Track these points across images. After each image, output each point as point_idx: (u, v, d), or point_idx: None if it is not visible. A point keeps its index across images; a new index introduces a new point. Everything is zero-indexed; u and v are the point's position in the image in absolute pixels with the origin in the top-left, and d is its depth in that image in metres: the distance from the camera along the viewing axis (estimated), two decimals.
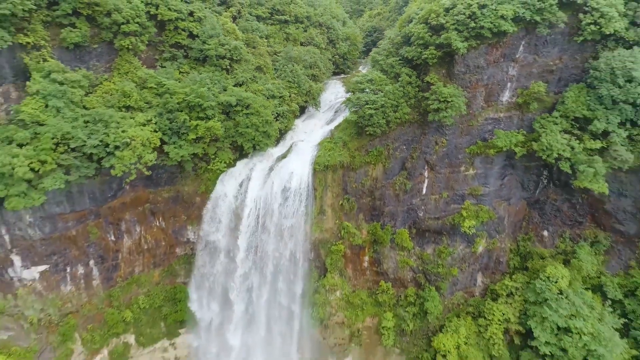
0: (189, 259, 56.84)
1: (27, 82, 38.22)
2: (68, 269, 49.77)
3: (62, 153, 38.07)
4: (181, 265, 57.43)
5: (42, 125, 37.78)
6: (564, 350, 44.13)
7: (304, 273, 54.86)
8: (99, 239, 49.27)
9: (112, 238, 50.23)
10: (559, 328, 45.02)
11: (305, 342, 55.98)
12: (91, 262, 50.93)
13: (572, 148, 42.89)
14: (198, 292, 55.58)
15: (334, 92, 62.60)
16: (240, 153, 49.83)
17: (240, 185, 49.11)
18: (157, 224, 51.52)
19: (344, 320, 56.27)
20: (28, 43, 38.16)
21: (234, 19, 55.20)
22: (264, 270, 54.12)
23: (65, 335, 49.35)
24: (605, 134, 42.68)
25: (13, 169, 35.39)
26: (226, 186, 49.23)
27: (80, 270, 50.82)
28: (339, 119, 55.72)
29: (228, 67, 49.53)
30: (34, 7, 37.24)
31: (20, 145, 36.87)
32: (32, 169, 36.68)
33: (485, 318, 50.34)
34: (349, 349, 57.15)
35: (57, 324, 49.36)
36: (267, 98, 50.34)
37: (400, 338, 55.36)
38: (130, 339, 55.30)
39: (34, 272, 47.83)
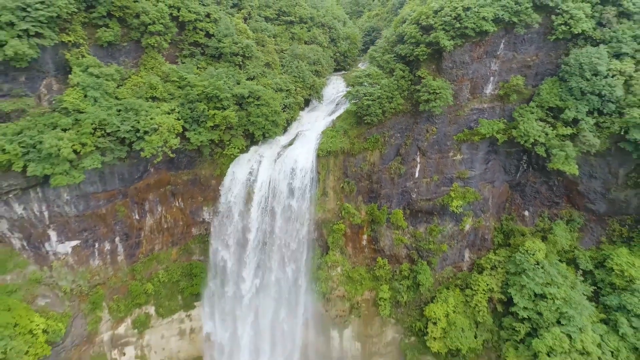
0: (203, 238, 62.47)
1: (70, 75, 43.80)
2: (96, 245, 55.44)
3: (99, 137, 43.75)
4: (196, 245, 63.09)
5: (82, 112, 43.40)
6: (539, 313, 49.75)
7: (308, 251, 60.42)
8: (124, 218, 54.93)
9: (137, 217, 55.90)
10: (535, 295, 50.66)
11: (309, 313, 61.53)
12: (117, 239, 56.61)
13: (547, 134, 48.55)
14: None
15: (335, 87, 68.28)
16: (252, 140, 55.45)
17: (252, 169, 54.68)
18: (177, 204, 57.19)
19: (345, 294, 61.82)
20: (69, 41, 43.76)
21: (245, 19, 60.85)
22: (272, 251, 59.59)
23: (95, 304, 55.06)
24: (575, 121, 48.31)
25: (59, 150, 40.98)
26: (239, 170, 54.82)
27: (107, 246, 56.50)
28: (340, 111, 61.33)
29: (240, 63, 55.20)
30: (76, 10, 42.85)
31: (64, 130, 42.47)
32: (74, 151, 42.32)
33: (471, 289, 56.01)
34: (349, 319, 62.77)
35: (87, 294, 55.04)
36: (275, 91, 55.97)
37: (396, 309, 61.04)
38: (151, 310, 60.99)
39: (67, 246, 53.52)
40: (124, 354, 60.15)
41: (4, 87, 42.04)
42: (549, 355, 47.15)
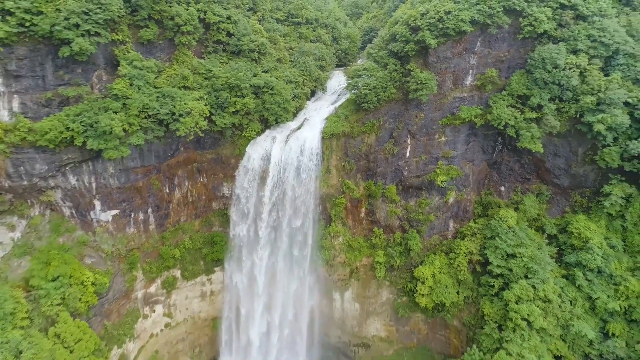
0: (222, 212, 71.48)
1: (119, 68, 52.93)
2: (132, 215, 64.55)
3: (142, 118, 52.90)
4: (216, 217, 72.08)
5: (128, 98, 52.51)
6: (510, 270, 58.83)
7: (314, 223, 69.36)
8: (157, 191, 64.02)
9: (167, 190, 65.02)
10: (507, 254, 59.76)
11: (316, 274, 70.47)
12: (149, 210, 65.71)
13: (515, 118, 57.70)
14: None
15: (337, 80, 77.38)
16: (266, 124, 64.50)
17: (266, 150, 63.71)
18: (201, 180, 66.30)
19: (345, 260, 70.89)
20: (117, 39, 52.86)
21: (260, 21, 69.91)
22: (282, 222, 68.48)
23: (131, 265, 64.15)
24: (540, 107, 57.43)
25: (112, 128, 50.08)
26: (255, 150, 63.89)
27: (141, 216, 65.60)
28: (341, 100, 70.40)
29: (256, 58, 64.32)
30: (124, 14, 51.99)
31: (115, 112, 51.62)
32: (123, 129, 51.46)
33: (454, 252, 65.11)
34: (349, 283, 71.90)
35: (125, 256, 64.11)
36: (286, 82, 65.02)
37: (390, 273, 70.15)
38: (177, 273, 70.11)
39: (109, 215, 62.62)
40: (154, 311, 69.36)
41: (65, 77, 51.13)
42: (517, 303, 56.18)
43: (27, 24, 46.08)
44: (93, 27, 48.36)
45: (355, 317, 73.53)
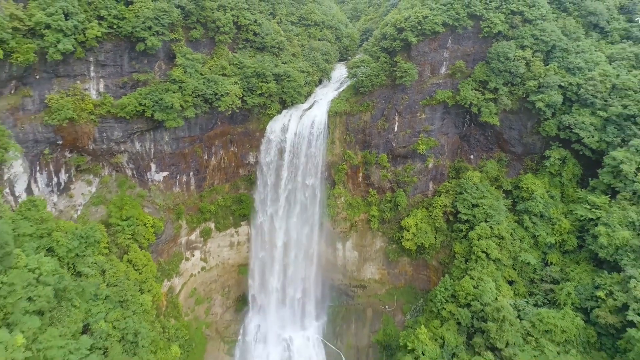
0: (247, 177, 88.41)
1: (175, 59, 70.06)
2: (178, 177, 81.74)
3: (194, 97, 70.06)
4: (242, 182, 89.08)
5: (183, 82, 69.63)
6: (474, 216, 75.85)
7: (321, 185, 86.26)
8: (198, 157, 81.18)
9: (205, 157, 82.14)
10: (472, 205, 76.82)
11: (323, 227, 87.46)
12: (191, 173, 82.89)
13: (478, 98, 74.84)
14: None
15: (340, 71, 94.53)
16: (284, 105, 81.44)
17: (284, 124, 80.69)
18: (232, 149, 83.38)
19: (346, 216, 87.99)
20: (174, 38, 69.92)
21: (278, 23, 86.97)
22: (297, 184, 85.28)
23: (178, 215, 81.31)
24: (496, 89, 74.61)
25: (172, 104, 67.20)
26: (276, 125, 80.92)
27: (184, 178, 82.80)
28: (343, 87, 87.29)
29: (276, 53, 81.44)
30: (180, 19, 69.14)
31: (174, 92, 68.76)
32: (180, 105, 68.63)
33: (432, 206, 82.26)
34: (349, 234, 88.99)
35: (173, 209, 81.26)
36: (300, 72, 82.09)
37: (382, 225, 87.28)
38: (212, 225, 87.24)
39: (160, 176, 79.85)
40: (194, 256, 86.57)
41: (137, 66, 68.33)
42: (478, 240, 73.21)
43: (115, 26, 63.29)
44: (160, 28, 65.51)
45: (354, 263, 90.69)
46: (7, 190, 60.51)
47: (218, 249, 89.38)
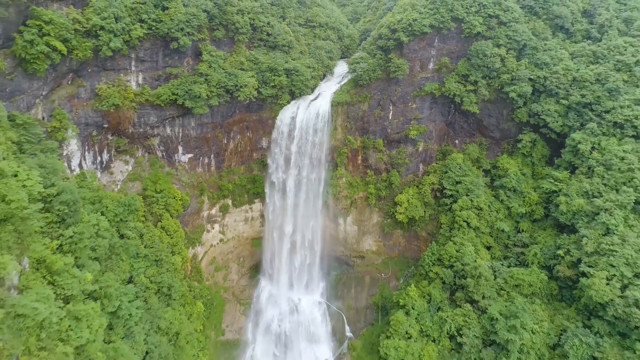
0: (260, 160, 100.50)
1: (201, 56, 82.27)
2: (200, 158, 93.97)
3: (217, 88, 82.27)
4: (255, 164, 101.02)
5: (208, 75, 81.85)
6: (457, 191, 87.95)
7: (325, 167, 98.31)
8: (218, 141, 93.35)
9: (225, 141, 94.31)
10: (456, 182, 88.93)
11: (327, 204, 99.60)
12: (212, 156, 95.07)
13: (460, 89, 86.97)
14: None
15: (341, 67, 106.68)
16: (292, 96, 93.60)
17: (293, 113, 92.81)
18: (248, 135, 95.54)
19: (347, 194, 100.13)
20: (201, 37, 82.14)
21: (288, 25, 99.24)
22: (304, 165, 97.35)
23: (201, 192, 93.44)
24: (476, 82, 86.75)
25: (200, 93, 79.42)
26: (286, 114, 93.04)
27: (206, 160, 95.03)
28: (344, 80, 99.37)
29: (286, 51, 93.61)
30: (206, 21, 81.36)
31: (200, 84, 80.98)
32: (206, 95, 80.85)
33: (422, 184, 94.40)
34: (350, 210, 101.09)
35: (196, 186, 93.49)
36: (306, 67, 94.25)
37: (378, 202, 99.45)
38: (229, 201, 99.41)
39: (186, 157, 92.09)
40: (213, 228, 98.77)
41: (169, 61, 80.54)
42: (460, 211, 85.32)
43: (153, 28, 75.53)
44: (190, 30, 77.77)
45: (354, 236, 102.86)
46: (66, 164, 72.71)
47: (234, 223, 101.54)
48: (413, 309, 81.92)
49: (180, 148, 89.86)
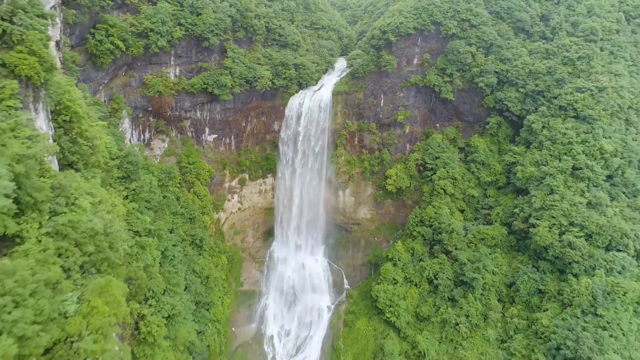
0: (271, 142, 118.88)
1: (226, 53, 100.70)
2: (223, 139, 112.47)
3: (239, 79, 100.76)
4: (268, 145, 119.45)
5: (232, 69, 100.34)
6: (436, 165, 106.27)
7: (327, 147, 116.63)
8: (238, 124, 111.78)
9: (243, 124, 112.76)
10: (435, 157, 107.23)
11: (328, 179, 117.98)
12: (232, 137, 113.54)
13: (439, 80, 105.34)
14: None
15: (341, 63, 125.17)
16: (300, 87, 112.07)
17: (301, 101, 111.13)
18: (263, 119, 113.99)
19: (345, 170, 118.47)
20: (226, 37, 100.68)
21: (296, 27, 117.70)
22: (309, 145, 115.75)
23: (224, 166, 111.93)
24: (451, 74, 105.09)
25: (225, 83, 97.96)
26: (294, 101, 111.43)
27: (227, 140, 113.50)
28: (343, 74, 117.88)
29: (295, 49, 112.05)
30: (230, 24, 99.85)
31: (226, 76, 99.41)
32: (231, 84, 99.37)
33: (408, 161, 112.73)
34: (348, 184, 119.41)
35: (220, 161, 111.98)
36: (312, 63, 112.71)
37: (372, 176, 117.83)
38: (246, 175, 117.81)
39: (211, 137, 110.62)
40: (233, 198, 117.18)
41: (200, 57, 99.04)
42: (438, 180, 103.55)
43: (189, 30, 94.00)
44: (218, 31, 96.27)
45: (351, 206, 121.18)
46: None
47: (250, 195, 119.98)
48: (399, 260, 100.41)
49: (207, 129, 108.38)
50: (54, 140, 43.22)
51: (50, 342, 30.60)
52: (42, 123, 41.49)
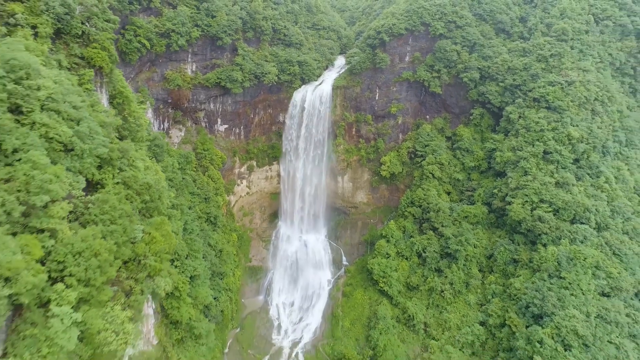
0: (277, 132, 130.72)
1: (237, 52, 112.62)
2: (233, 129, 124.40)
3: (249, 74, 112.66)
4: (274, 135, 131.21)
5: (242, 65, 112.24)
6: (426, 152, 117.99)
7: (327, 137, 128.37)
8: (247, 116, 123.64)
9: (252, 116, 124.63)
10: (425, 145, 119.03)
11: (328, 166, 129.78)
12: (242, 127, 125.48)
13: (428, 76, 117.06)
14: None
15: (340, 61, 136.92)
16: (303, 82, 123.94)
17: (304, 94, 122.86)
18: (269, 111, 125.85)
19: (344, 158, 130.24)
20: (237, 38, 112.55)
21: (299, 27, 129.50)
22: (311, 135, 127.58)
23: (234, 153, 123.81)
24: (439, 70, 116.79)
25: (237, 78, 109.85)
26: (298, 95, 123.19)
27: (237, 130, 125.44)
28: (342, 70, 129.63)
29: (298, 47, 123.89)
30: (241, 25, 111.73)
31: (237, 71, 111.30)
32: (241, 79, 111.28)
33: (401, 149, 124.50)
34: (346, 170, 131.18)
35: (230, 150, 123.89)
36: (313, 60, 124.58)
37: (368, 163, 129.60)
38: (254, 162, 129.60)
39: (223, 127, 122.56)
40: (242, 183, 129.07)
41: (214, 55, 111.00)
42: (427, 165, 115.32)
43: (205, 30, 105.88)
44: (230, 32, 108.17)
45: (349, 191, 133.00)
46: None
47: (258, 180, 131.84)
48: (392, 237, 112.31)
49: (219, 120, 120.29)
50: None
51: (127, 258, 42.58)
52: (105, 103, 53.62)
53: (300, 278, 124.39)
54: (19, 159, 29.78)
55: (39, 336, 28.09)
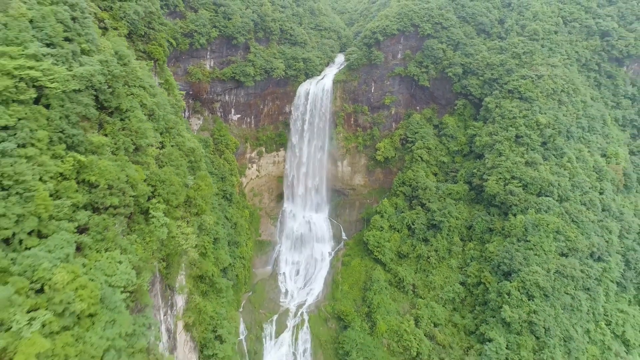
0: (284, 122, 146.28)
1: (249, 50, 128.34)
2: (245, 118, 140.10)
3: (260, 69, 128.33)
4: (280, 124, 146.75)
5: (254, 61, 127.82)
6: (415, 138, 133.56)
7: (329, 125, 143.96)
8: (257, 107, 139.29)
9: (261, 107, 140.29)
10: (414, 132, 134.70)
11: (329, 152, 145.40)
12: (252, 116, 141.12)
13: (417, 71, 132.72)
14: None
15: (340, 58, 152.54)
16: (307, 76, 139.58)
17: (307, 87, 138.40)
18: (277, 103, 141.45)
19: (343, 145, 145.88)
20: (249, 37, 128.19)
21: (304, 28, 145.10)
22: (314, 124, 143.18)
23: (245, 140, 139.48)
24: (427, 66, 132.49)
25: (249, 72, 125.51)
26: (302, 88, 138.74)
27: (248, 119, 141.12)
28: (342, 66, 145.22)
29: (303, 46, 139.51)
30: (253, 27, 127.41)
31: (249, 67, 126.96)
32: (253, 74, 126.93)
33: (394, 136, 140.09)
34: (345, 156, 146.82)
35: (242, 136, 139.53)
36: (316, 57, 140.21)
37: (365, 149, 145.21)
38: (263, 148, 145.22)
39: (236, 117, 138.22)
40: (252, 167, 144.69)
41: (229, 52, 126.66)
42: (417, 150, 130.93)
43: (222, 31, 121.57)
44: (243, 32, 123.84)
45: (348, 174, 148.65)
46: None
47: (266, 165, 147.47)
48: (385, 212, 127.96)
49: (232, 110, 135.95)
50: None
51: (186, 197, 58.20)
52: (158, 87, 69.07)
53: (304, 251, 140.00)
54: (128, 117, 45.48)
55: (145, 229, 43.84)
